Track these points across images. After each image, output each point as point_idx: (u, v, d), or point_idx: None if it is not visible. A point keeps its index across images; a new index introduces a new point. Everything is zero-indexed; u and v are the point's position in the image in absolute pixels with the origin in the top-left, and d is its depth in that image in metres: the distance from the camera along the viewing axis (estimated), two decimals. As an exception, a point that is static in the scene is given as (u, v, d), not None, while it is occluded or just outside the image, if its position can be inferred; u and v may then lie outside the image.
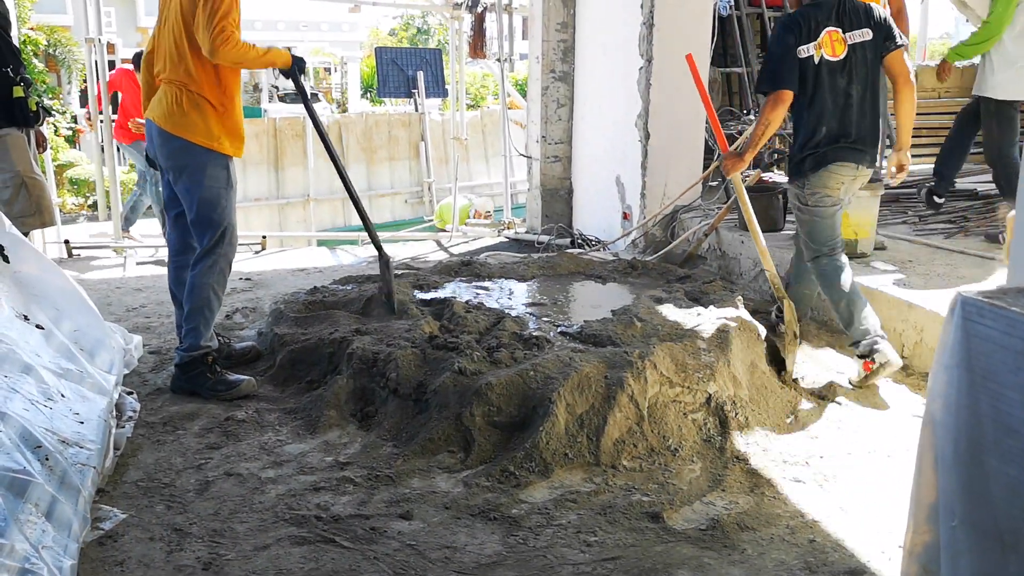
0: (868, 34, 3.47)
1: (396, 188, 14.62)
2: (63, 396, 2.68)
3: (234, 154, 3.33)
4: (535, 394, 2.90)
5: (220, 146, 3.25)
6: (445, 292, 4.28)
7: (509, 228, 7.67)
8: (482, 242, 7.32)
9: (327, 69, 30.66)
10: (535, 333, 3.40)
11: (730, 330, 3.42)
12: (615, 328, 3.45)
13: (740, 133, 6.00)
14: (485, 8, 9.72)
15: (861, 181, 3.62)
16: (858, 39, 3.47)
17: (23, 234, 3.37)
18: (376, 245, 3.95)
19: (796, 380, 3.50)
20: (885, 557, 2.28)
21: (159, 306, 4.67)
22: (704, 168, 5.82)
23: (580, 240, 6.45)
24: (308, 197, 13.13)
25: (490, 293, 4.31)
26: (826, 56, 3.43)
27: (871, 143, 3.55)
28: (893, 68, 3.52)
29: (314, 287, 4.40)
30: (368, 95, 25.22)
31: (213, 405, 3.24)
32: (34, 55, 14.75)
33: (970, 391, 1.43)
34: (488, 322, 3.58)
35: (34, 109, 4.48)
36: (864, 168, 3.56)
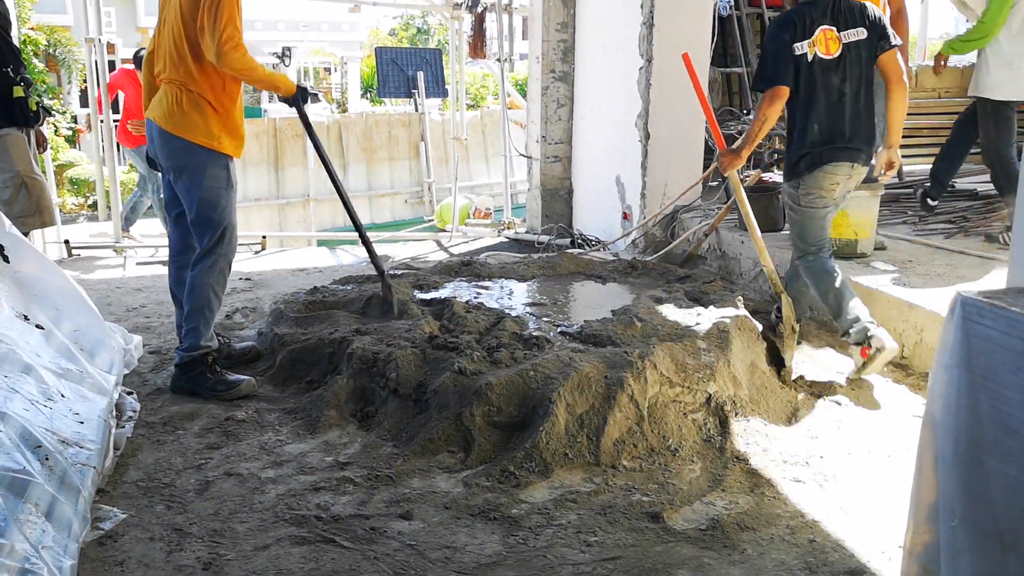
0: (863, 33, 3.49)
1: (396, 188, 14.61)
2: (63, 396, 2.68)
3: (234, 154, 3.33)
4: (535, 394, 2.90)
5: (220, 146, 3.25)
6: (445, 292, 4.28)
7: (509, 228, 7.67)
8: (482, 242, 7.32)
9: (327, 69, 30.67)
10: (535, 333, 3.40)
11: (730, 330, 3.42)
12: (615, 328, 3.45)
13: (740, 133, 6.00)
14: (485, 8, 9.73)
15: (856, 179, 3.63)
16: (852, 38, 3.48)
17: (23, 234, 3.38)
18: (371, 254, 3.91)
19: (798, 378, 3.50)
20: (885, 557, 2.28)
21: (159, 306, 4.68)
22: (704, 168, 5.82)
23: (580, 240, 6.45)
24: (308, 197, 13.12)
25: (490, 293, 4.31)
26: (820, 54, 3.45)
27: (866, 141, 3.57)
28: (887, 68, 3.54)
29: (314, 287, 4.41)
30: (368, 95, 25.21)
31: (213, 405, 3.24)
32: (34, 55, 14.75)
33: (970, 391, 1.43)
34: (488, 322, 3.58)
35: (34, 109, 4.48)
36: (859, 167, 3.57)
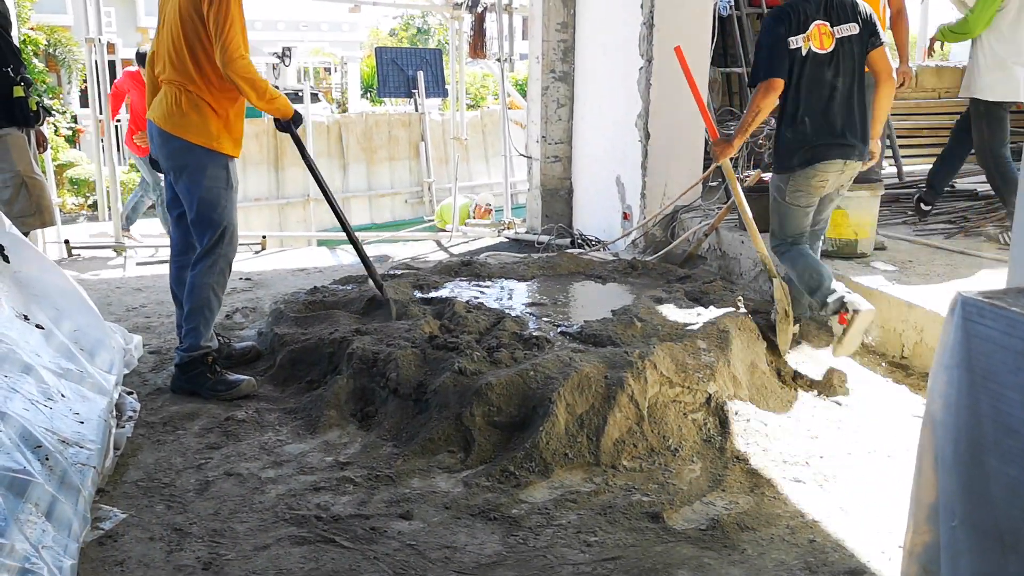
0: (855, 28, 3.53)
1: (396, 188, 14.61)
2: (63, 396, 2.68)
3: (233, 154, 3.33)
4: (535, 394, 2.90)
5: (220, 146, 3.25)
6: (445, 292, 4.28)
7: (509, 228, 7.67)
8: (482, 242, 7.32)
9: (327, 69, 30.68)
10: (535, 333, 3.40)
11: (730, 330, 3.43)
12: (615, 328, 3.45)
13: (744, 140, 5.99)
14: (485, 8, 9.73)
15: (850, 174, 3.67)
16: (845, 33, 3.53)
17: (23, 234, 3.37)
18: (366, 264, 3.89)
19: (798, 377, 3.50)
20: (885, 557, 2.28)
21: (159, 306, 4.68)
22: (704, 168, 5.82)
23: (580, 240, 6.45)
24: (308, 197, 13.11)
25: (490, 293, 4.31)
26: (814, 49, 3.49)
27: (859, 137, 3.59)
28: (877, 64, 3.60)
29: (314, 287, 4.41)
30: (368, 95, 25.21)
31: (213, 405, 3.24)
32: (34, 55, 14.75)
33: (970, 391, 1.43)
34: (488, 322, 3.58)
35: (34, 109, 4.47)
36: (852, 163, 3.61)
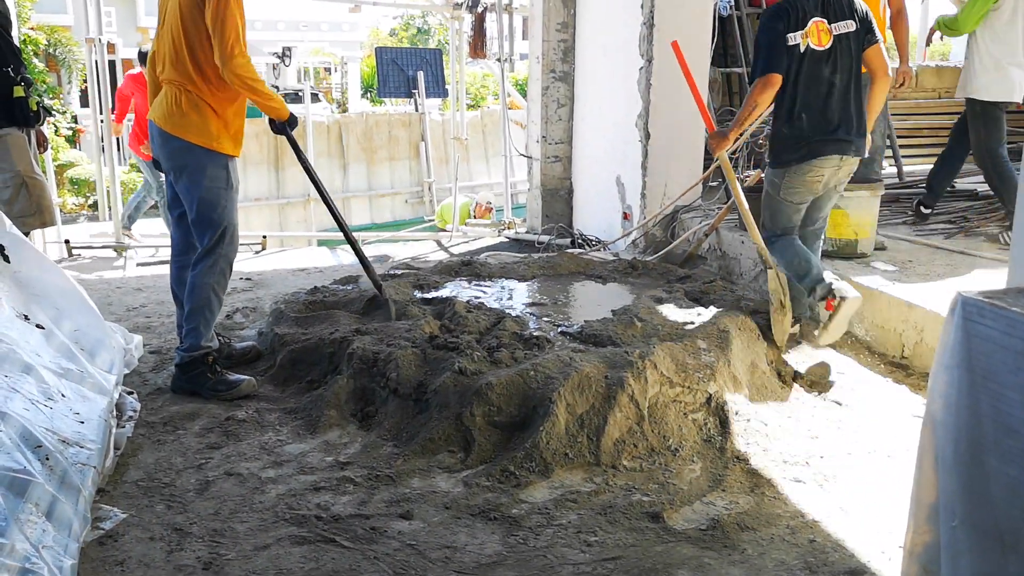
0: (852, 25, 3.56)
1: (396, 188, 14.62)
2: (63, 396, 2.68)
3: (233, 153, 3.33)
4: (535, 394, 2.90)
5: (219, 146, 3.25)
6: (445, 292, 4.28)
7: (509, 228, 7.67)
8: (482, 242, 7.32)
9: (327, 69, 30.69)
10: (535, 333, 3.40)
11: (730, 330, 3.43)
12: (615, 328, 3.45)
13: (740, 134, 5.99)
14: (485, 8, 9.73)
15: (847, 170, 3.69)
16: (843, 30, 3.55)
17: (23, 234, 3.37)
18: (365, 267, 3.89)
19: (797, 375, 3.50)
20: (885, 557, 2.28)
21: (159, 306, 4.68)
22: (704, 168, 5.82)
23: (580, 240, 6.45)
24: (308, 197, 13.12)
25: (490, 293, 4.31)
26: (812, 45, 3.52)
27: (856, 132, 3.62)
28: (873, 61, 3.63)
29: (314, 287, 4.41)
30: (368, 95, 25.22)
31: (213, 405, 3.24)
32: (34, 55, 14.75)
33: (970, 391, 1.43)
34: (488, 322, 3.58)
35: (35, 109, 4.47)
36: (848, 159, 3.63)
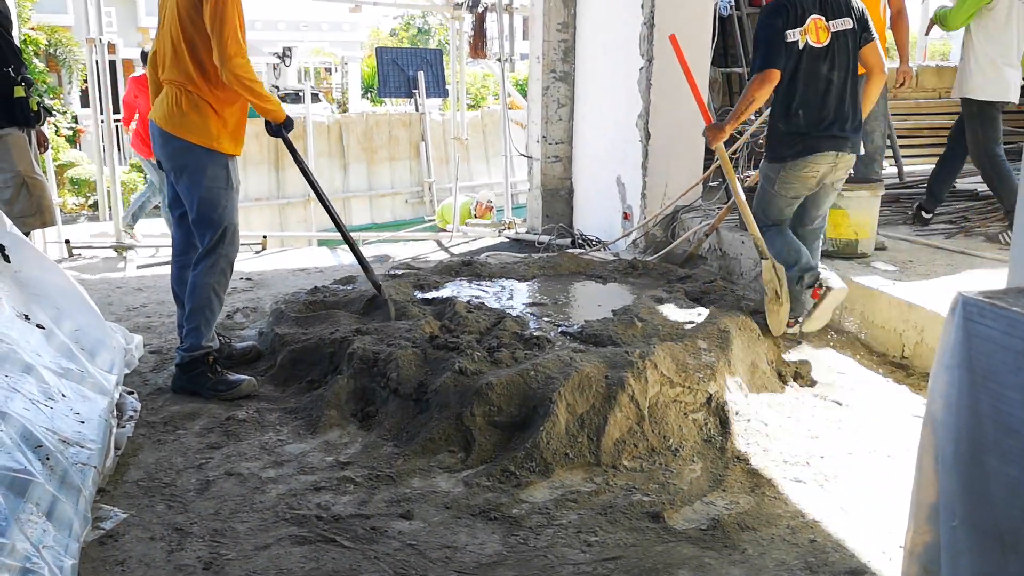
0: (849, 23, 3.60)
1: (397, 188, 14.63)
2: (64, 396, 2.68)
3: (234, 152, 3.33)
4: (536, 394, 2.90)
5: (220, 146, 3.25)
6: (446, 292, 4.28)
7: (510, 228, 7.67)
8: (483, 242, 7.32)
9: (328, 69, 30.69)
10: (536, 333, 3.40)
11: (730, 330, 3.43)
12: (616, 328, 3.46)
13: (740, 133, 5.99)
14: (486, 8, 9.72)
15: (844, 167, 3.72)
16: (840, 27, 3.59)
17: (24, 234, 3.37)
18: (363, 267, 3.88)
19: (798, 375, 3.50)
20: (886, 557, 2.28)
21: (160, 306, 4.68)
22: (705, 168, 5.82)
23: (581, 240, 6.45)
24: (308, 197, 13.10)
25: (491, 293, 4.31)
26: (811, 42, 3.55)
27: (851, 129, 3.65)
28: (870, 59, 3.67)
29: (315, 287, 4.41)
30: (369, 95, 25.24)
31: (214, 405, 3.24)
32: (35, 55, 14.75)
33: (971, 391, 1.43)
34: (489, 322, 3.58)
35: (35, 109, 4.47)
36: (844, 155, 3.66)
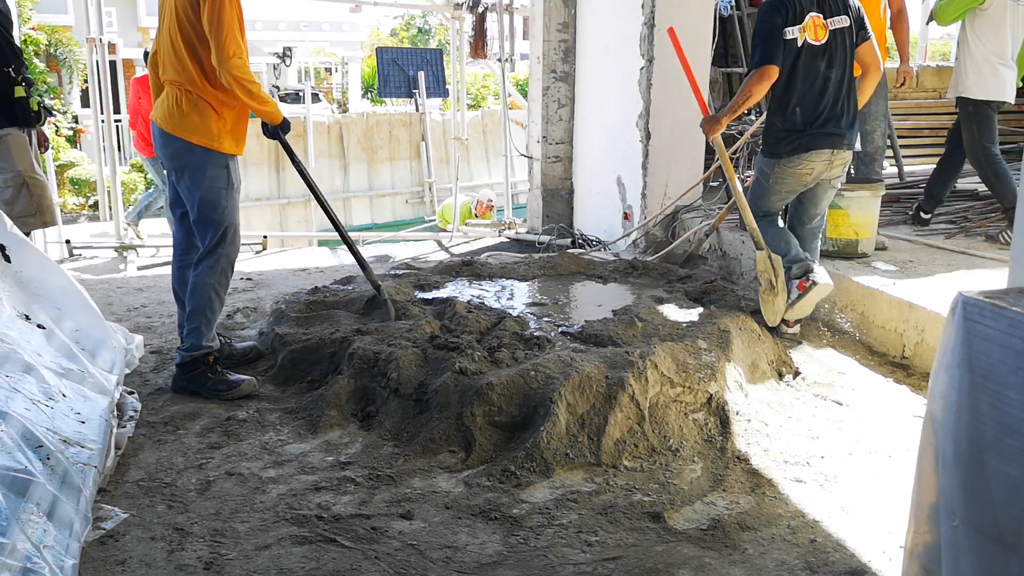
0: (846, 21, 3.63)
1: (397, 188, 14.63)
2: (64, 396, 2.68)
3: (235, 152, 3.33)
4: (536, 394, 2.90)
5: (220, 146, 3.25)
6: (446, 292, 4.28)
7: (510, 228, 7.67)
8: (483, 242, 7.32)
9: (328, 69, 30.71)
10: (536, 333, 3.40)
11: (731, 330, 3.43)
12: (616, 328, 3.46)
13: (741, 134, 6.00)
14: (486, 8, 9.71)
15: (840, 163, 3.74)
16: (837, 25, 3.62)
17: (24, 234, 3.37)
18: (363, 267, 3.88)
19: (799, 376, 3.50)
20: (886, 557, 2.28)
21: (160, 306, 4.68)
22: (705, 168, 5.82)
23: (581, 240, 6.45)
24: (309, 197, 13.07)
25: (491, 293, 4.31)
26: (809, 40, 3.58)
27: (847, 126, 3.68)
28: (866, 57, 3.72)
29: (315, 287, 4.41)
30: (369, 95, 25.25)
31: (214, 405, 3.25)
32: (35, 55, 14.75)
33: (971, 391, 1.43)
34: (489, 322, 3.59)
35: (36, 109, 4.47)
36: (840, 152, 3.69)
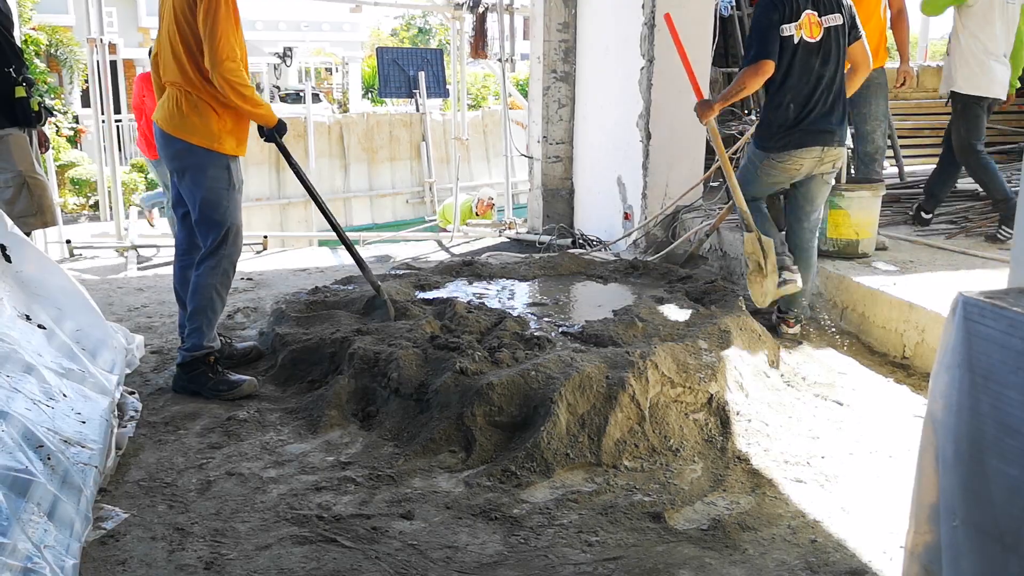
0: (839, 19, 3.69)
1: (397, 188, 14.63)
2: (65, 396, 2.69)
3: (236, 153, 3.33)
4: (536, 394, 2.90)
5: (221, 147, 3.25)
6: (446, 292, 4.28)
7: (510, 228, 7.67)
8: (483, 242, 7.32)
9: (328, 69, 30.71)
10: (536, 333, 3.40)
11: (731, 330, 3.43)
12: (616, 328, 3.46)
13: (741, 134, 6.00)
14: (486, 8, 9.72)
15: (831, 160, 3.79)
16: (831, 23, 3.68)
17: (25, 234, 3.38)
18: (361, 267, 3.87)
19: (799, 376, 3.50)
20: (887, 557, 2.28)
21: (161, 306, 4.68)
22: (705, 168, 5.82)
23: (581, 240, 6.45)
24: (309, 197, 13.13)
25: (491, 293, 4.31)
26: (805, 37, 3.64)
27: (838, 122, 3.74)
28: (857, 56, 3.80)
29: (315, 287, 4.41)
30: (369, 95, 25.26)
31: (215, 405, 3.25)
32: (36, 55, 14.76)
33: (971, 391, 1.43)
34: (489, 322, 3.59)
35: (36, 109, 4.47)
36: (831, 149, 3.75)
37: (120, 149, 7.32)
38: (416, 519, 2.45)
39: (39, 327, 2.96)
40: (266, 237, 6.94)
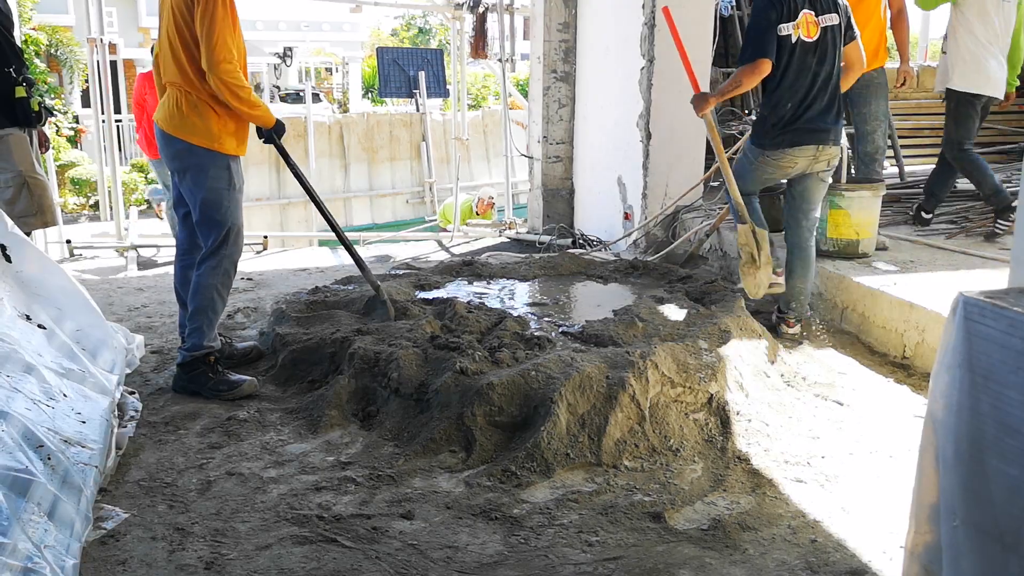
0: (836, 19, 3.72)
1: (397, 188, 14.63)
2: (65, 396, 2.69)
3: (237, 152, 3.33)
4: (536, 394, 2.90)
5: (221, 147, 3.25)
6: (446, 292, 4.28)
7: (510, 228, 7.67)
8: (483, 242, 7.32)
9: (328, 69, 30.72)
10: (537, 333, 3.40)
11: (731, 330, 3.43)
12: (617, 328, 3.46)
13: (741, 134, 6.00)
14: (487, 8, 9.72)
15: (826, 158, 3.81)
16: (828, 22, 3.71)
17: (25, 234, 3.38)
18: (360, 267, 3.87)
19: (799, 376, 3.50)
20: (887, 557, 2.28)
21: (161, 306, 4.68)
22: (705, 169, 5.82)
23: (581, 240, 6.45)
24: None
25: (491, 293, 4.31)
26: (803, 37, 3.66)
27: (833, 121, 3.77)
28: (852, 55, 3.84)
29: (315, 287, 4.41)
30: (369, 95, 25.25)
31: (215, 405, 3.25)
32: (36, 55, 14.75)
33: (971, 391, 1.43)
34: (490, 322, 3.59)
35: (36, 109, 4.47)
36: (826, 148, 3.77)
37: (120, 149, 7.33)
38: (416, 519, 2.45)
39: (39, 327, 2.96)
40: (266, 237, 6.95)
